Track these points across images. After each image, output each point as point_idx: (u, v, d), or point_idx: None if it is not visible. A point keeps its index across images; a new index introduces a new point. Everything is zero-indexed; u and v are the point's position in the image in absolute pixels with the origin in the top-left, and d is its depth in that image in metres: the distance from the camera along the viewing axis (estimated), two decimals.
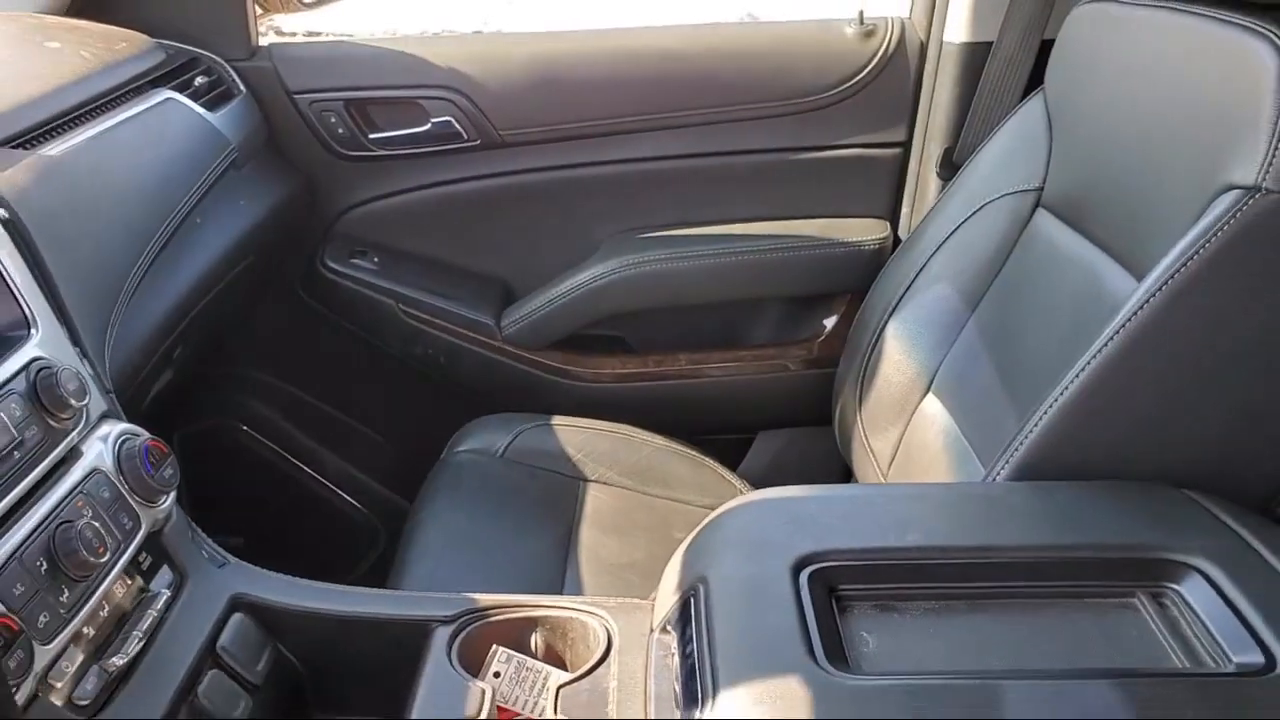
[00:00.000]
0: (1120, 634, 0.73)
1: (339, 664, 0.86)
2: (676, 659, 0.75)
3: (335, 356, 1.71)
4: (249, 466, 1.66)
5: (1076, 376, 0.90)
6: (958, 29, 1.48)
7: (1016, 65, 1.41)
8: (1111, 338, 0.88)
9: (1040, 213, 1.21)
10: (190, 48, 1.45)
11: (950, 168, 1.49)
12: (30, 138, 1.00)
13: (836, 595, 0.76)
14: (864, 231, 1.60)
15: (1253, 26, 0.88)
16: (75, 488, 0.76)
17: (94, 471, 0.78)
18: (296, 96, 1.53)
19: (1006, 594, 0.77)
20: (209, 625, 0.81)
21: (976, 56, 1.46)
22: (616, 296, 1.59)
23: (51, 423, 0.76)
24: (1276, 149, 0.83)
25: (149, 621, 0.77)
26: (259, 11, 1.55)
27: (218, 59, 1.47)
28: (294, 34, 2.43)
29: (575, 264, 1.62)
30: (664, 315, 1.65)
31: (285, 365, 1.69)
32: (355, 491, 1.68)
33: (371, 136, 1.56)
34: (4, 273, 0.80)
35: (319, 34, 2.68)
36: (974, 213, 1.28)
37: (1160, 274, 0.87)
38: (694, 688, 0.69)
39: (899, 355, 1.31)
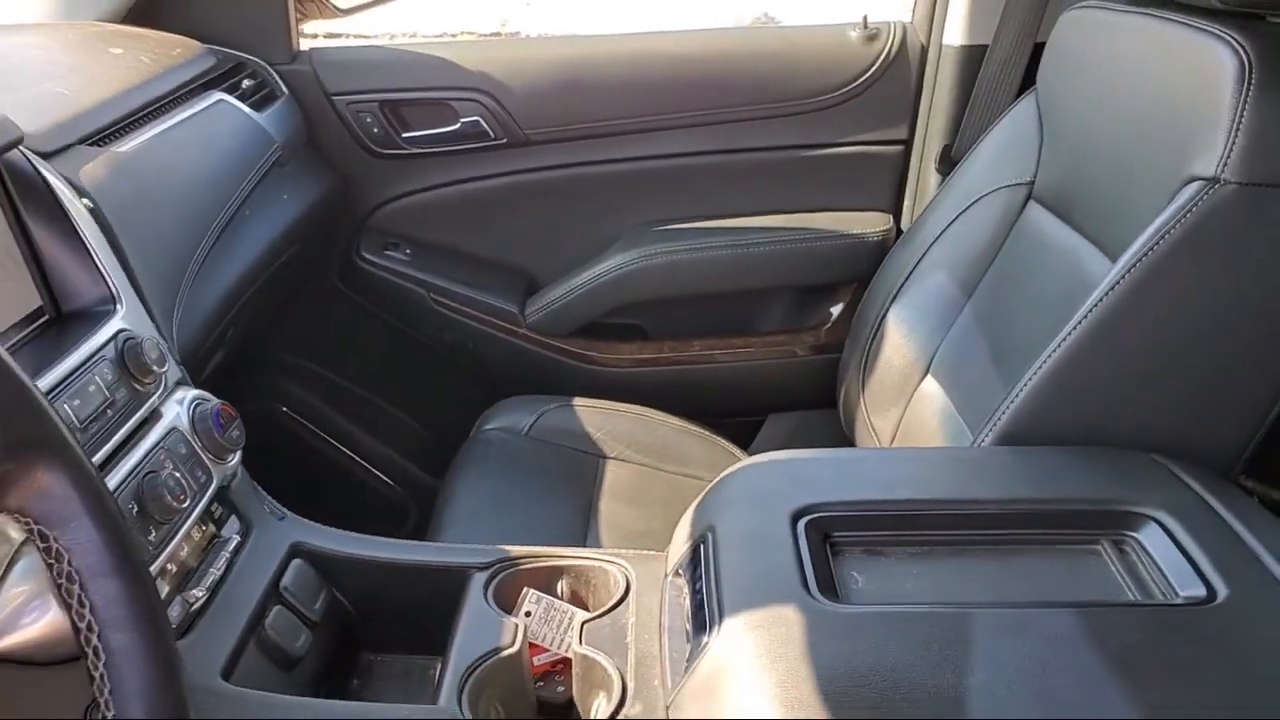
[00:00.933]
0: (1083, 574, 0.82)
1: (386, 606, 0.96)
2: (687, 596, 0.84)
3: (369, 343, 1.80)
4: (289, 447, 1.75)
5: (1054, 351, 0.98)
6: (956, 33, 1.56)
7: (1011, 67, 1.49)
8: (1085, 316, 0.97)
9: (1031, 204, 1.28)
10: (237, 52, 1.53)
11: (949, 163, 1.57)
12: (103, 136, 1.10)
13: (830, 541, 0.85)
14: (868, 224, 1.68)
15: (1216, 32, 0.96)
16: (157, 444, 0.85)
17: (172, 430, 0.88)
18: (335, 98, 1.61)
19: (984, 541, 0.86)
20: (272, 568, 0.90)
21: (973, 59, 1.54)
22: (634, 286, 1.67)
23: (136, 386, 0.86)
24: (1233, 143, 0.91)
25: (222, 562, 0.87)
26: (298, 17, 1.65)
27: (262, 63, 1.56)
28: (314, 35, 2.51)
29: (594, 256, 1.70)
30: (679, 304, 1.72)
31: (323, 351, 1.78)
32: (388, 470, 1.76)
33: (404, 135, 1.65)
34: (94, 255, 0.90)
35: (338, 35, 2.77)
36: (970, 205, 1.35)
37: (1130, 257, 0.95)
38: (702, 617, 0.79)
39: (899, 339, 1.39)
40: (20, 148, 0.87)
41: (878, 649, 0.71)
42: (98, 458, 0.79)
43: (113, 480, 0.79)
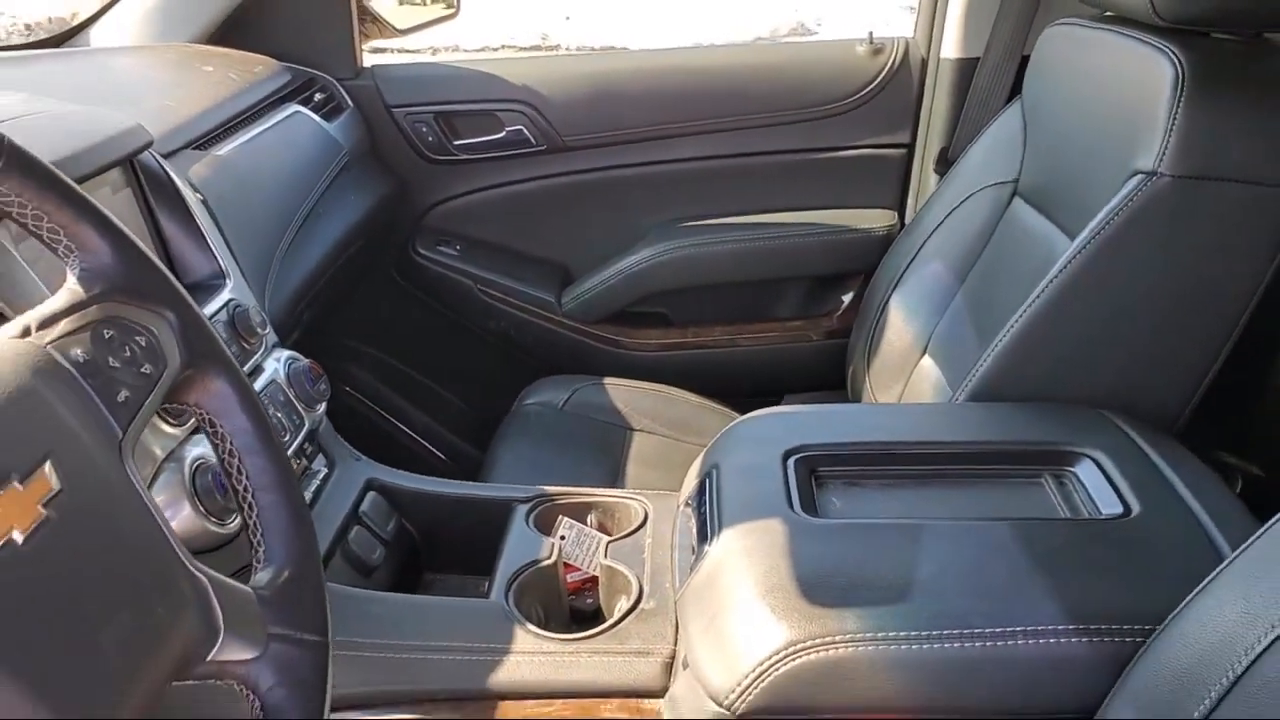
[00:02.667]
0: (1025, 500, 0.99)
1: (444, 533, 1.14)
2: (694, 520, 1.01)
3: (422, 330, 1.97)
4: (351, 422, 1.93)
5: (1017, 320, 1.14)
6: (951, 47, 1.72)
7: (1000, 77, 1.65)
8: (1043, 290, 1.13)
9: (1016, 200, 1.43)
10: (308, 69, 1.72)
11: (945, 164, 1.73)
12: (205, 141, 1.29)
13: (815, 474, 1.02)
14: (874, 220, 1.83)
15: (1159, 45, 1.11)
16: (261, 392, 1.04)
17: (272, 383, 1.06)
18: (394, 109, 1.79)
19: (945, 475, 1.02)
20: (352, 497, 1.09)
21: (967, 70, 1.70)
22: (659, 277, 1.84)
23: (245, 345, 1.04)
24: (1168, 141, 1.06)
25: (313, 489, 1.05)
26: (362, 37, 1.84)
27: (330, 78, 1.74)
28: (385, 50, 2.69)
29: (624, 250, 1.86)
30: (700, 293, 1.88)
31: (381, 337, 1.96)
32: (437, 443, 1.93)
33: (455, 143, 1.82)
34: (207, 238, 1.09)
35: (383, 50, 2.96)
36: (962, 201, 1.51)
37: (1081, 239, 1.11)
38: (704, 532, 0.96)
39: (900, 323, 1.55)
40: (149, 150, 1.06)
41: (845, 551, 0.88)
42: None
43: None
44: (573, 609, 1.04)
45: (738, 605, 0.84)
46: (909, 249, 1.58)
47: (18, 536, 0.47)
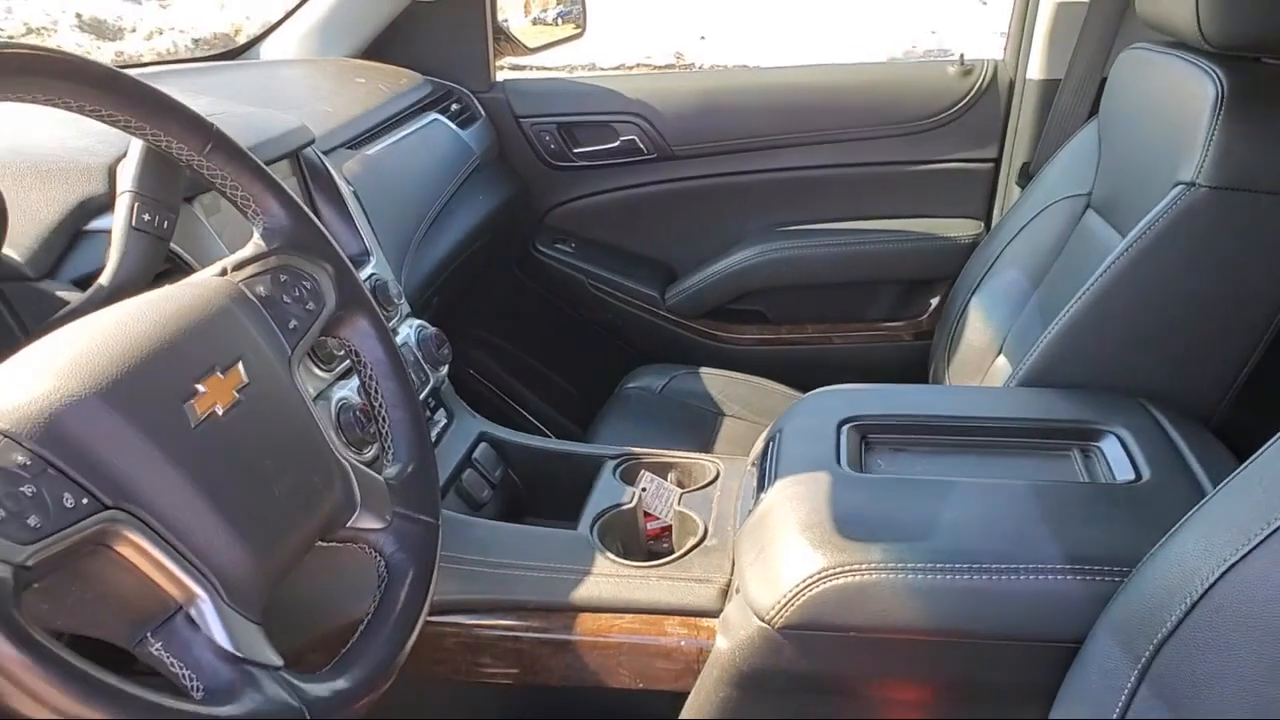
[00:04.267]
0: (1050, 468, 1.10)
1: (543, 482, 1.31)
2: (756, 476, 1.16)
3: (537, 319, 2.16)
4: (469, 400, 2.13)
5: (1065, 314, 1.26)
6: (1036, 69, 1.82)
7: (1080, 97, 1.75)
8: (1089, 287, 1.24)
9: (1089, 212, 1.53)
10: (446, 82, 1.93)
11: (1026, 177, 1.83)
12: (356, 141, 1.50)
13: (866, 440, 1.15)
14: (961, 229, 1.94)
15: (1205, 67, 1.22)
16: None
17: (404, 345, 1.25)
18: (521, 120, 1.99)
19: (982, 446, 1.14)
20: (467, 445, 1.27)
21: (1050, 90, 1.80)
22: (758, 277, 1.98)
23: (384, 314, 1.24)
24: (1206, 154, 1.17)
25: (434, 435, 1.23)
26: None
27: (465, 91, 1.95)
28: (524, 68, 2.91)
29: (725, 251, 2.01)
30: (796, 293, 2.01)
31: (501, 325, 2.15)
32: (545, 421, 2.10)
33: (575, 151, 2.01)
34: (356, 223, 1.29)
35: (522, 67, 3.18)
36: (1040, 212, 1.61)
37: (1126, 242, 1.22)
38: (762, 483, 1.10)
39: (978, 324, 1.65)
40: (311, 146, 1.27)
41: (880, 499, 1.02)
42: None
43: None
44: (650, 552, 1.20)
45: (782, 538, 0.98)
46: (989, 256, 1.69)
47: (219, 410, 0.66)
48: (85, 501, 0.57)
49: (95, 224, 0.96)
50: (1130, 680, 0.78)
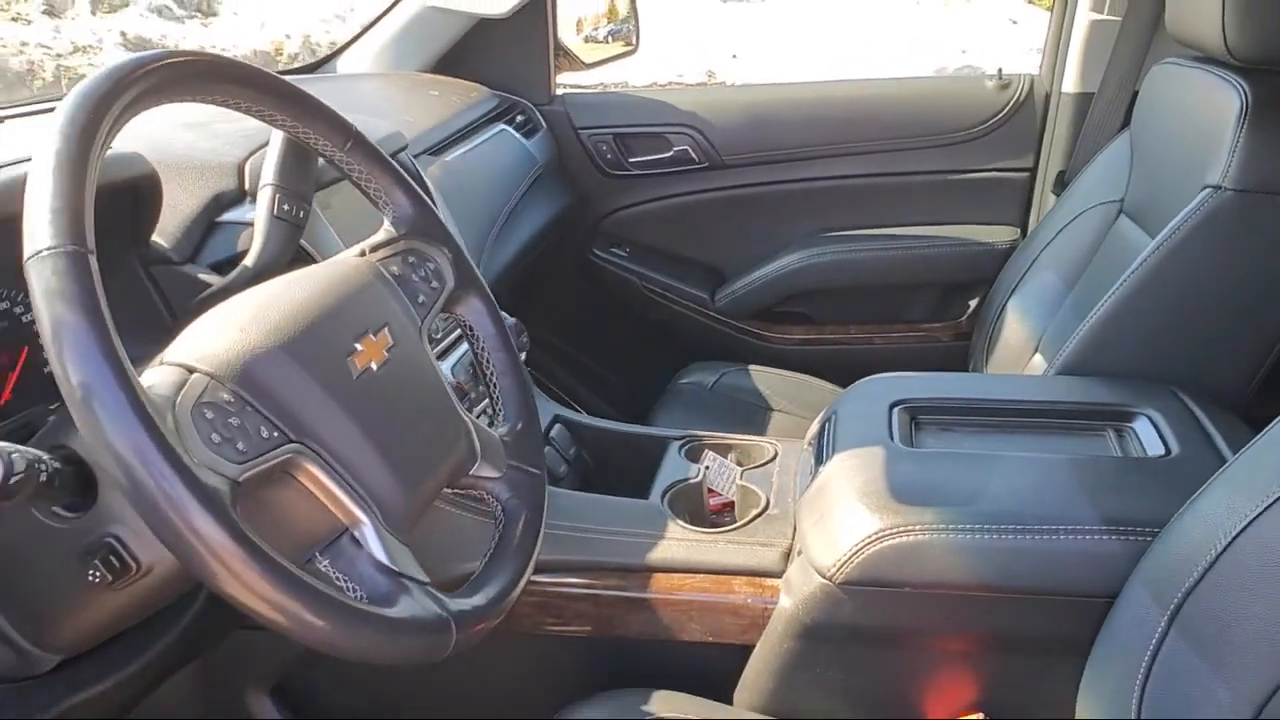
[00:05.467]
0: (1087, 445, 1.20)
1: (613, 460, 1.42)
2: (813, 452, 1.26)
3: (593, 319, 2.26)
4: None
5: (1101, 307, 1.35)
6: (1071, 83, 1.92)
7: (1113, 110, 1.84)
8: (1124, 282, 1.33)
9: (1122, 217, 1.63)
10: (511, 95, 2.05)
11: (1062, 185, 1.93)
12: (435, 149, 1.62)
13: (915, 420, 1.25)
14: (999, 235, 2.04)
15: (1231, 79, 1.32)
16: None
17: None
18: (580, 131, 2.10)
19: (1025, 426, 1.24)
20: (543, 424, 1.38)
21: (1084, 103, 1.90)
22: (804, 280, 2.09)
23: None
24: (1231, 160, 1.26)
25: None
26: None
27: (528, 103, 2.06)
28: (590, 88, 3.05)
29: (773, 255, 2.12)
30: (840, 295, 2.11)
31: (560, 324, 2.25)
32: (602, 416, 2.21)
33: (630, 160, 2.12)
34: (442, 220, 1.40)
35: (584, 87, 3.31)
36: (1075, 218, 1.70)
37: (1157, 241, 1.31)
38: (820, 457, 1.20)
39: (1015, 325, 1.75)
40: (404, 151, 1.39)
41: (931, 469, 1.12)
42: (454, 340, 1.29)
43: (457, 354, 1.28)
44: (713, 524, 1.30)
45: (841, 503, 1.08)
46: (1026, 260, 1.78)
47: (374, 366, 0.77)
48: (276, 435, 0.68)
49: (227, 216, 1.08)
50: (1160, 627, 0.88)
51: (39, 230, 0.61)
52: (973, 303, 2.07)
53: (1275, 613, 0.80)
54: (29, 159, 0.69)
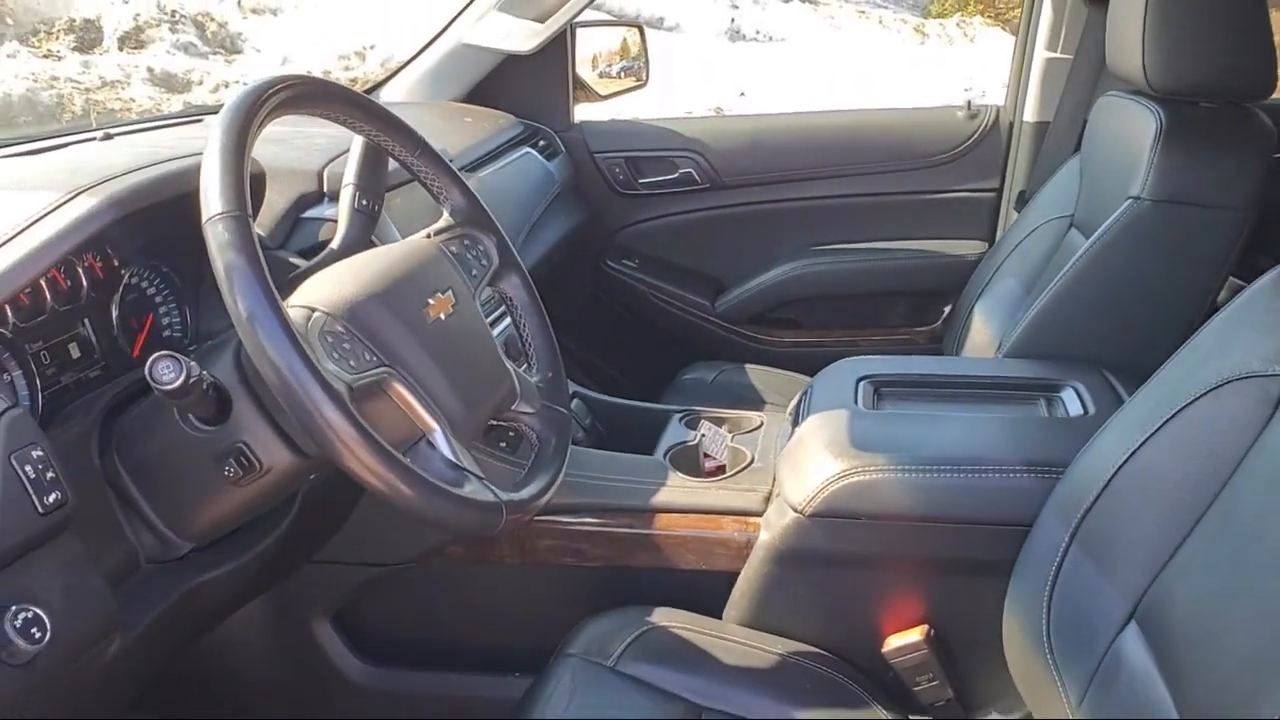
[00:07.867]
0: (1021, 410, 1.43)
1: (622, 429, 1.65)
2: (791, 420, 1.49)
3: (606, 325, 2.49)
4: None
5: (1041, 300, 1.58)
6: (1031, 113, 2.17)
7: (1067, 136, 2.08)
8: (1060, 279, 1.56)
9: (1072, 230, 1.85)
10: (534, 122, 2.29)
11: (1023, 203, 2.16)
12: (469, 168, 1.86)
13: (878, 391, 1.48)
14: (968, 248, 2.27)
15: (1149, 106, 1.56)
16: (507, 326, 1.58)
17: None
18: (595, 154, 2.35)
19: (971, 397, 1.47)
20: None
21: (1042, 130, 2.15)
22: (794, 288, 2.32)
23: None
24: (1149, 174, 1.50)
25: None
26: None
27: (550, 130, 2.31)
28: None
29: (767, 267, 2.35)
30: (827, 303, 2.35)
31: (574, 330, 2.47)
32: None
33: (640, 181, 2.36)
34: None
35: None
36: (1031, 232, 1.93)
37: (1087, 245, 1.54)
38: (797, 421, 1.43)
39: (980, 326, 1.97)
40: None
41: (887, 425, 1.35)
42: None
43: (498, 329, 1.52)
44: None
45: (812, 451, 1.31)
46: (991, 269, 2.01)
47: (443, 317, 1.01)
48: (373, 358, 0.92)
49: (310, 213, 1.33)
50: (1064, 543, 1.09)
51: (213, 199, 0.85)
52: (945, 309, 2.30)
53: (1150, 524, 1.02)
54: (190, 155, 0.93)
